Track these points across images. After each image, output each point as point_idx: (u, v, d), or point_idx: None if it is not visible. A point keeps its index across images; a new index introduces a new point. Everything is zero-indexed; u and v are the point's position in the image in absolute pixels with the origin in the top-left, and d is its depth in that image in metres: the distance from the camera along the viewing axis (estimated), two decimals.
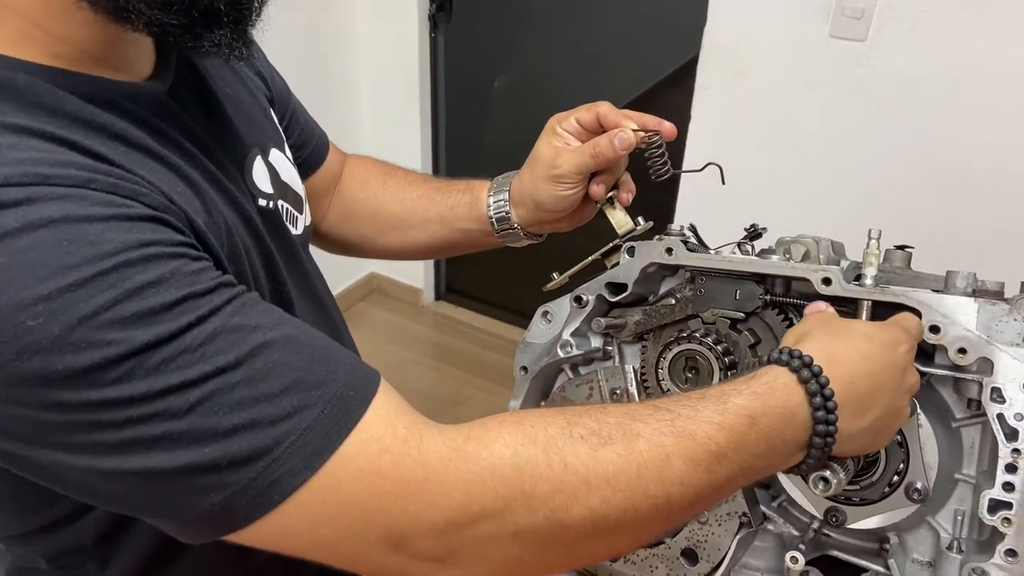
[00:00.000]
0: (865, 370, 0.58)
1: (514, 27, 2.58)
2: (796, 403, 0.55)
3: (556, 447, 0.50)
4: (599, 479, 0.50)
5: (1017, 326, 0.62)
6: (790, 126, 2.02)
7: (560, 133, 0.81)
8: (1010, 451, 0.61)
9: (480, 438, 0.51)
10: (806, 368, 0.56)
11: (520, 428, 0.51)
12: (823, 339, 0.60)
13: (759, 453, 0.54)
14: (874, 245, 0.68)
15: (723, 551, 0.76)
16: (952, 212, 1.87)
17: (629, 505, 0.50)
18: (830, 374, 0.56)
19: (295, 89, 0.92)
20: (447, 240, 0.94)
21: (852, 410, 0.57)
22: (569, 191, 0.82)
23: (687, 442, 0.52)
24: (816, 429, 0.56)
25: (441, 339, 3.00)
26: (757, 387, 0.56)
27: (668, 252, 0.74)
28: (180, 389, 0.45)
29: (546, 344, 0.81)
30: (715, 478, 0.53)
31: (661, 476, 0.51)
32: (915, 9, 1.76)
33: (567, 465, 0.50)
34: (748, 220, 0.79)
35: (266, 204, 0.70)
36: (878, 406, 0.59)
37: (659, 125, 0.78)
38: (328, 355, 0.51)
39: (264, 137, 0.74)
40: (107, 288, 0.44)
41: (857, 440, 0.59)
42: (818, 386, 0.55)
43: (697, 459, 0.52)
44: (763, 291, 0.73)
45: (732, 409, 0.54)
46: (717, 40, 2.04)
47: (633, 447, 0.51)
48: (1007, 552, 0.62)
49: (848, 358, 0.58)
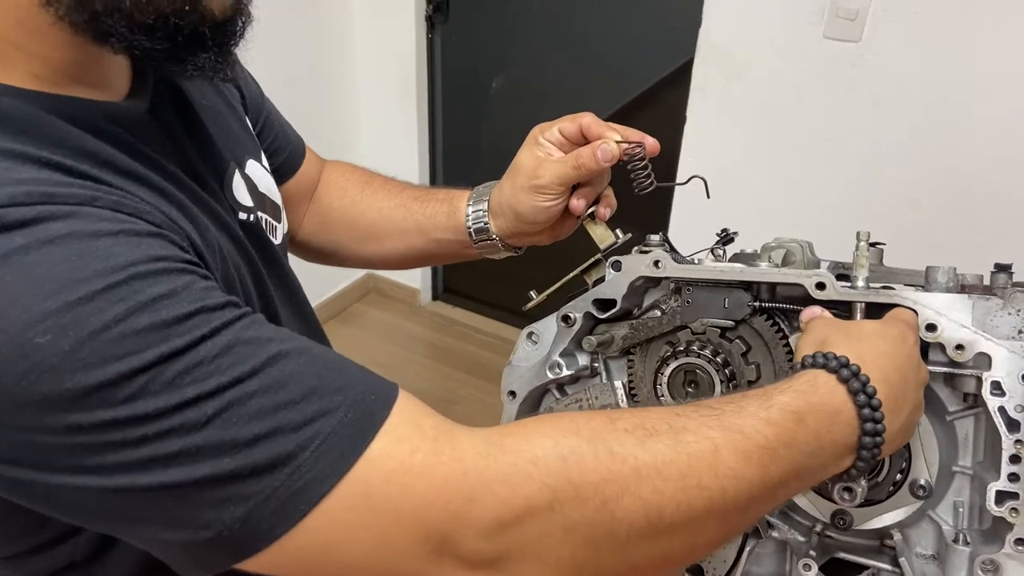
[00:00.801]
0: (891, 367, 0.58)
1: (511, 28, 2.58)
2: (840, 401, 0.54)
3: (601, 438, 0.48)
4: (649, 468, 0.48)
5: (1011, 320, 0.63)
6: (785, 127, 2.05)
7: (542, 143, 0.80)
8: (1013, 442, 0.62)
9: (519, 432, 0.49)
10: (844, 368, 0.55)
11: (560, 421, 0.49)
12: (846, 342, 0.59)
13: (810, 452, 0.52)
14: (864, 247, 0.68)
15: (729, 563, 0.75)
16: (945, 211, 1.92)
17: (683, 497, 0.48)
18: (869, 375, 0.56)
19: (292, 90, 0.91)
20: (424, 250, 0.92)
21: (891, 407, 0.56)
22: (550, 202, 0.80)
23: (736, 436, 0.50)
24: (864, 428, 0.54)
25: (438, 339, 3.00)
26: (799, 385, 0.54)
27: (656, 264, 0.73)
28: (196, 402, 0.43)
29: (533, 366, 0.79)
30: (768, 475, 0.50)
31: (713, 468, 0.49)
32: (909, 11, 1.80)
33: (614, 454, 0.48)
34: (743, 222, 0.79)
35: (247, 218, 0.68)
36: (908, 402, 0.59)
37: (643, 139, 0.77)
38: (343, 365, 0.50)
39: (241, 149, 0.73)
40: (118, 301, 0.42)
41: (896, 439, 0.58)
42: (860, 384, 0.54)
43: (748, 452, 0.50)
44: (751, 298, 0.73)
45: (777, 405, 0.52)
46: (712, 41, 2.06)
47: (681, 438, 0.49)
48: (1017, 541, 0.63)
49: (875, 358, 0.58)
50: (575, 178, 0.78)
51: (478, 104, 2.73)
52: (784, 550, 0.75)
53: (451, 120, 2.83)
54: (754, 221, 0.81)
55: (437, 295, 3.17)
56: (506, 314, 2.91)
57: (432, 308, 3.15)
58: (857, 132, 1.97)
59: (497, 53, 2.66)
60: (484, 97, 2.71)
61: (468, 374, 2.77)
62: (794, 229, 0.77)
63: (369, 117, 2.88)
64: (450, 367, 2.83)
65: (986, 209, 1.88)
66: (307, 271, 0.99)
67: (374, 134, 2.88)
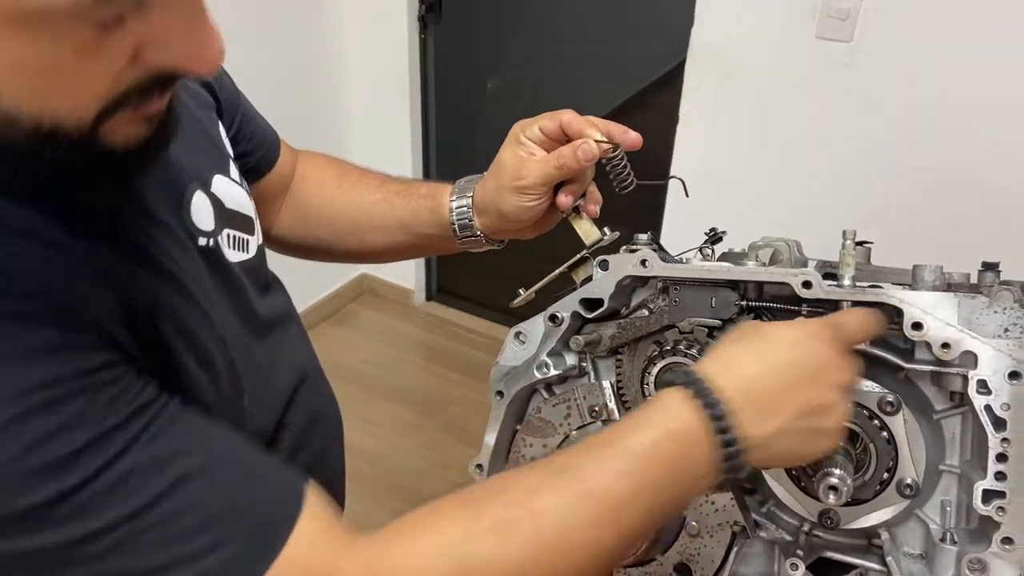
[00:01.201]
0: (760, 372, 0.57)
1: (504, 28, 2.59)
2: (689, 420, 0.55)
3: (462, 556, 0.51)
4: (514, 570, 0.51)
5: (997, 318, 0.63)
6: (777, 126, 2.06)
7: (524, 142, 0.80)
8: (999, 440, 0.62)
9: (393, 561, 0.51)
10: (695, 382, 0.56)
11: (428, 540, 0.52)
12: (725, 348, 0.60)
13: (667, 485, 0.54)
14: (850, 246, 0.68)
15: (716, 563, 0.75)
16: (935, 211, 1.93)
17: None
18: (725, 383, 0.56)
19: (284, 91, 0.89)
20: (407, 244, 0.92)
21: (753, 414, 0.56)
22: (534, 202, 0.80)
23: (590, 503, 0.52)
24: (719, 439, 0.54)
25: (432, 340, 3.02)
26: (653, 416, 0.55)
27: (643, 264, 0.73)
28: (93, 537, 0.44)
29: (521, 366, 0.79)
30: (623, 527, 0.54)
31: (567, 552, 0.52)
32: (900, 10, 1.81)
33: (474, 572, 0.51)
34: (734, 221, 0.78)
35: (206, 243, 0.66)
36: (788, 406, 0.57)
37: (623, 135, 0.77)
38: (251, 475, 0.51)
39: (206, 165, 0.70)
40: (8, 442, 0.42)
41: (781, 442, 0.57)
42: (707, 396, 0.55)
43: (599, 519, 0.52)
44: (738, 297, 0.73)
45: (631, 450, 0.54)
46: (705, 41, 2.06)
47: (538, 532, 0.51)
48: (1003, 540, 0.63)
49: (744, 363, 0.58)
50: (558, 178, 0.79)
51: (472, 105, 2.74)
52: (772, 550, 0.75)
53: (444, 121, 2.83)
54: (746, 220, 0.81)
55: (431, 295, 3.18)
56: (500, 315, 2.92)
57: (426, 309, 3.16)
58: (848, 131, 1.97)
59: (490, 54, 2.67)
60: (477, 98, 2.71)
61: (462, 374, 2.77)
62: (786, 228, 0.77)
63: (362, 118, 2.88)
64: (444, 367, 2.83)
65: (975, 208, 1.89)
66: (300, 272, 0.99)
67: (367, 135, 2.88)
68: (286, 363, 0.78)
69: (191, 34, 0.44)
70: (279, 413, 0.74)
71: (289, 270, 0.87)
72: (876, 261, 0.76)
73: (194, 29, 0.44)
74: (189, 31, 0.43)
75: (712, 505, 0.74)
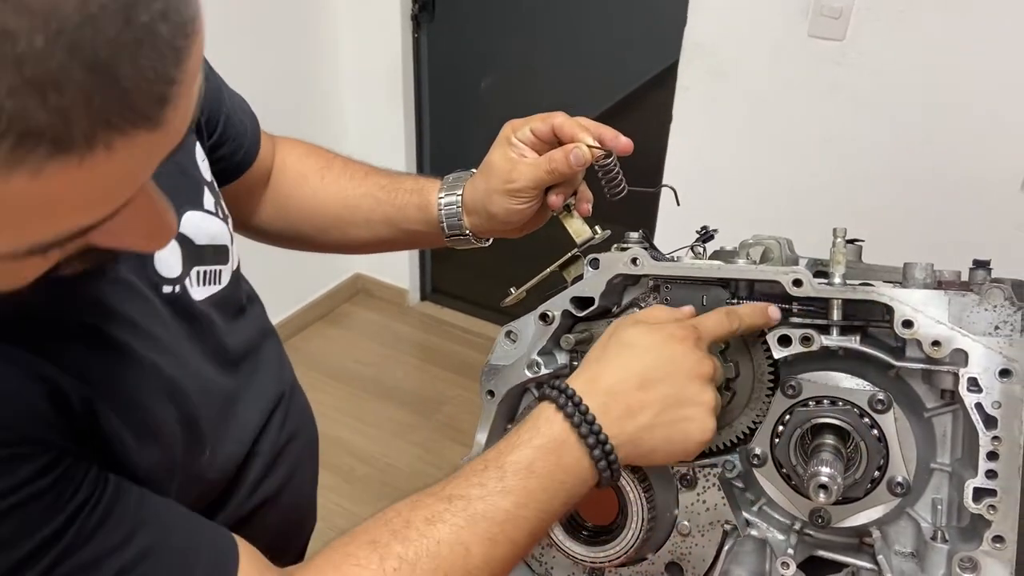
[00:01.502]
0: (621, 378, 0.62)
1: (498, 27, 2.58)
2: (559, 430, 0.60)
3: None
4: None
5: (988, 315, 0.63)
6: (770, 125, 2.06)
7: (515, 143, 0.79)
8: (990, 439, 0.62)
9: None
10: (562, 394, 0.61)
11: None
12: (590, 363, 0.65)
13: (548, 496, 0.59)
14: (841, 243, 0.68)
15: (708, 562, 0.75)
16: (928, 209, 1.93)
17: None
18: (589, 392, 0.61)
19: (277, 90, 0.87)
20: (392, 239, 0.91)
21: (618, 415, 0.61)
22: (525, 205, 0.80)
23: (482, 525, 0.57)
24: (588, 441, 0.60)
25: (426, 339, 3.02)
26: (527, 434, 0.60)
27: (634, 262, 0.73)
28: None
29: (512, 365, 0.78)
30: (515, 540, 0.59)
31: (466, 571, 0.57)
32: (892, 9, 1.81)
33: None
34: (729, 219, 0.78)
35: (171, 290, 0.65)
36: (651, 405, 0.62)
37: (615, 140, 0.77)
38: (184, 555, 0.53)
39: (175, 204, 0.67)
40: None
41: (651, 437, 0.62)
42: (572, 405, 0.60)
43: (493, 537, 0.57)
44: (729, 295, 0.72)
45: (510, 470, 0.59)
46: (697, 40, 2.06)
47: (441, 560, 0.56)
48: (995, 539, 0.63)
49: (606, 373, 0.63)
50: (549, 182, 0.79)
51: (465, 104, 2.73)
52: (763, 549, 0.75)
53: (437, 120, 2.83)
54: (739, 218, 0.81)
55: (425, 295, 3.17)
56: (495, 314, 2.92)
57: (420, 308, 3.15)
58: (841, 130, 1.97)
59: (484, 53, 2.66)
60: (471, 97, 2.71)
61: (456, 374, 2.77)
62: (779, 226, 0.77)
63: (355, 117, 2.87)
64: (438, 367, 2.83)
65: (968, 207, 1.89)
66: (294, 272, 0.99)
67: (360, 134, 2.87)
68: (260, 392, 0.77)
69: (142, 226, 0.43)
70: (249, 445, 0.74)
71: (283, 270, 0.86)
72: (868, 260, 0.76)
73: (145, 222, 0.42)
74: (140, 225, 0.42)
75: (703, 504, 0.74)
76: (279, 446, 0.79)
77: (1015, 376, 0.62)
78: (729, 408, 0.73)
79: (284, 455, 0.80)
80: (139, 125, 0.34)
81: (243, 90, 0.86)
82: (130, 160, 0.35)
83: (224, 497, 0.72)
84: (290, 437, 0.81)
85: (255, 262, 1.02)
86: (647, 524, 0.72)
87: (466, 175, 0.87)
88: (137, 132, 0.34)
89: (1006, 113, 1.79)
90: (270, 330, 0.83)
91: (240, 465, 0.73)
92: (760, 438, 0.72)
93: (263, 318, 0.82)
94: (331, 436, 2.33)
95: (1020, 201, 1.84)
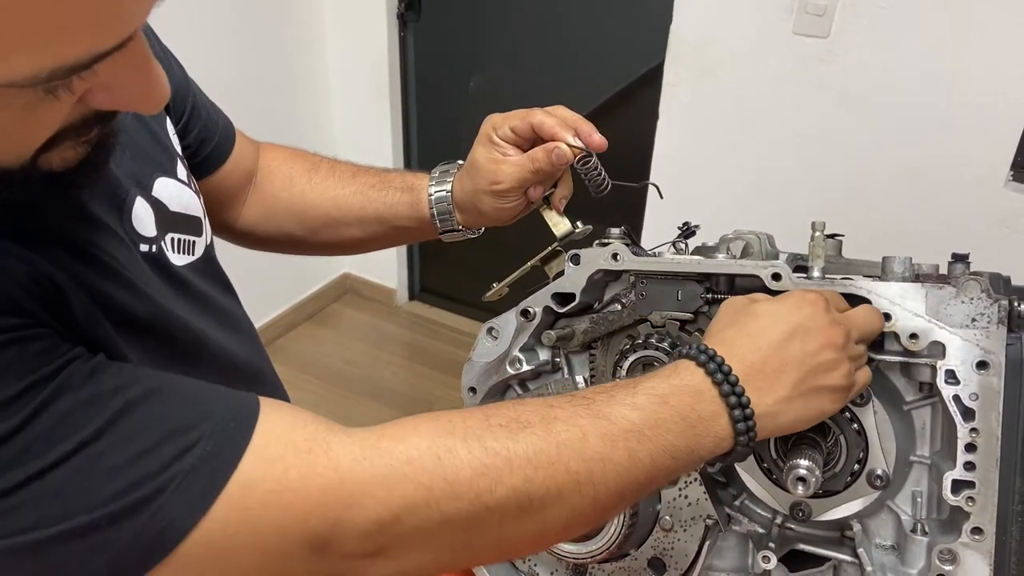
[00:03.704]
0: (756, 347, 0.60)
1: (485, 26, 2.57)
2: (699, 380, 0.57)
3: (475, 434, 0.51)
4: (520, 459, 0.51)
5: (965, 308, 0.63)
6: (756, 121, 2.06)
7: (496, 142, 0.80)
8: (968, 431, 0.62)
9: (395, 434, 0.51)
10: (702, 354, 0.58)
11: (437, 421, 0.52)
12: (719, 332, 0.62)
13: (677, 431, 0.55)
14: (819, 237, 0.68)
15: (690, 556, 0.75)
16: (913, 204, 1.94)
17: (552, 483, 0.52)
18: (725, 356, 0.58)
19: (264, 89, 0.86)
20: (385, 236, 0.92)
21: (759, 384, 0.58)
22: (512, 203, 0.82)
23: (603, 423, 0.54)
24: (729, 401, 0.57)
25: (415, 339, 3.01)
26: (663, 371, 0.58)
27: (614, 258, 0.73)
28: (42, 474, 0.43)
29: (493, 362, 0.78)
30: (636, 457, 0.54)
31: (580, 453, 0.53)
32: (875, 6, 1.82)
33: (487, 448, 0.51)
34: (717, 215, 0.78)
35: (148, 249, 0.65)
36: (789, 375, 0.59)
37: (590, 136, 0.78)
38: (198, 395, 0.50)
39: (148, 168, 0.68)
40: None
41: (789, 409, 0.59)
42: (715, 365, 0.57)
43: (614, 437, 0.54)
44: (704, 290, 0.72)
45: (642, 391, 0.56)
46: (683, 37, 2.07)
47: (551, 428, 0.53)
48: (973, 530, 0.63)
49: (740, 343, 0.60)
50: (533, 181, 0.81)
51: (452, 102, 2.73)
52: (746, 543, 0.75)
53: (425, 119, 2.82)
54: (727, 214, 0.81)
55: (414, 295, 3.16)
56: (484, 313, 2.88)
57: (409, 308, 3.14)
58: (827, 125, 1.98)
59: (471, 51, 2.66)
60: (458, 95, 2.70)
61: (445, 374, 2.76)
62: (764, 221, 0.77)
63: (342, 116, 2.87)
64: (427, 367, 2.82)
65: (953, 202, 1.90)
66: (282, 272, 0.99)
67: (347, 133, 2.86)
68: (245, 355, 0.76)
69: (138, 81, 0.44)
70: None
71: (270, 270, 0.86)
72: (855, 255, 0.76)
73: (140, 76, 0.44)
74: (136, 78, 0.44)
75: (685, 499, 0.74)
76: None
77: (992, 368, 0.62)
78: None
79: None
80: None
81: (230, 89, 0.86)
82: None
83: None
84: None
85: (242, 261, 1.01)
86: (629, 519, 0.72)
87: (453, 167, 0.88)
88: None
89: (990, 108, 1.80)
90: (248, 319, 0.83)
91: None
92: None
93: (240, 306, 0.82)
94: None
95: (1005, 196, 1.85)
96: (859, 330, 0.63)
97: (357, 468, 0.48)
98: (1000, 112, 1.79)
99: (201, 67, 0.92)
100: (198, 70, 0.87)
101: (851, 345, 0.61)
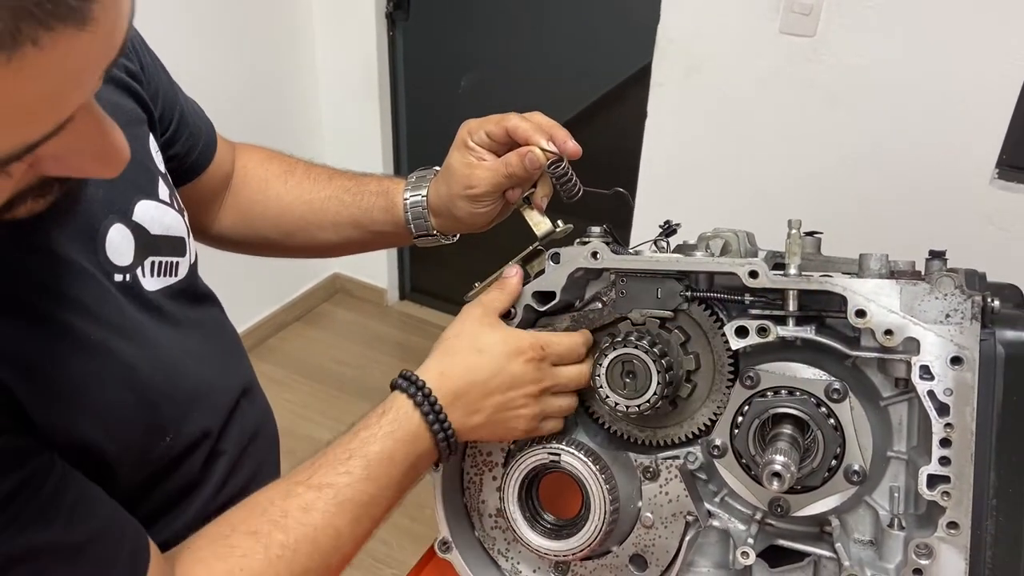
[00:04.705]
0: (469, 380, 0.71)
1: (474, 26, 2.58)
2: (416, 425, 0.69)
3: None
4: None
5: (939, 304, 0.63)
6: (743, 120, 2.07)
7: (472, 147, 0.81)
8: (943, 426, 0.63)
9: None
10: (419, 392, 0.69)
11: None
12: (439, 358, 0.72)
13: (404, 478, 0.69)
14: (796, 235, 0.69)
15: (671, 553, 0.75)
16: (900, 202, 1.94)
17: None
18: (440, 389, 0.70)
19: (252, 90, 0.86)
20: (359, 240, 0.92)
21: (461, 412, 0.70)
22: (487, 208, 0.83)
23: (349, 509, 0.65)
24: (438, 437, 0.69)
25: (406, 339, 3.01)
26: (387, 426, 0.68)
27: (594, 256, 0.73)
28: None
29: None
30: (376, 517, 0.68)
31: (339, 550, 0.65)
32: (861, 5, 1.82)
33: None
34: (704, 214, 0.79)
35: (122, 279, 0.64)
36: (487, 408, 0.71)
37: (564, 143, 0.78)
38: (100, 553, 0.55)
39: (128, 193, 0.67)
40: None
41: (482, 430, 0.72)
42: (428, 405, 0.69)
43: (359, 518, 0.66)
44: (683, 288, 0.73)
45: (374, 460, 0.67)
46: (670, 36, 2.07)
47: (314, 543, 0.63)
48: (949, 524, 0.63)
49: (455, 375, 0.71)
50: (507, 185, 0.81)
51: (441, 102, 2.73)
52: (726, 539, 0.75)
53: (414, 119, 2.82)
54: (715, 213, 0.81)
55: (404, 294, 3.17)
56: None
57: (400, 308, 3.15)
58: (813, 125, 1.99)
59: (460, 51, 2.66)
60: (447, 95, 2.70)
61: None
62: (751, 220, 0.78)
63: (331, 116, 2.86)
64: (418, 366, 2.82)
65: (939, 201, 1.91)
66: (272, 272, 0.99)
67: (336, 133, 2.86)
68: (224, 385, 0.77)
69: (90, 149, 0.42)
70: (215, 438, 0.74)
71: (259, 270, 0.86)
72: (841, 253, 0.77)
73: (93, 145, 0.42)
74: (88, 147, 0.42)
75: (666, 496, 0.74)
76: (243, 444, 0.79)
77: (966, 363, 0.62)
78: (690, 400, 0.74)
79: (248, 453, 0.79)
80: (65, 20, 0.33)
81: (218, 90, 0.86)
82: (65, 61, 0.34)
83: (191, 496, 0.72)
84: (254, 434, 0.81)
85: (231, 262, 1.01)
86: (610, 516, 0.72)
87: (429, 173, 0.88)
88: (64, 28, 0.33)
89: (976, 107, 1.81)
90: (230, 328, 0.83)
91: (205, 463, 0.73)
92: (720, 429, 0.73)
93: (223, 316, 0.82)
94: (310, 437, 2.32)
95: (991, 194, 1.86)
96: (563, 379, 0.74)
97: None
98: (985, 110, 1.80)
99: (189, 67, 0.92)
100: (186, 71, 0.87)
101: (545, 397, 0.73)
